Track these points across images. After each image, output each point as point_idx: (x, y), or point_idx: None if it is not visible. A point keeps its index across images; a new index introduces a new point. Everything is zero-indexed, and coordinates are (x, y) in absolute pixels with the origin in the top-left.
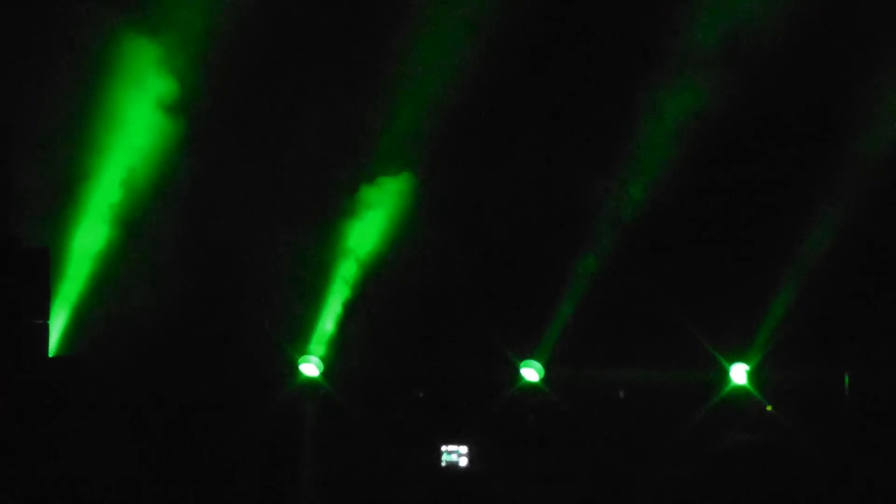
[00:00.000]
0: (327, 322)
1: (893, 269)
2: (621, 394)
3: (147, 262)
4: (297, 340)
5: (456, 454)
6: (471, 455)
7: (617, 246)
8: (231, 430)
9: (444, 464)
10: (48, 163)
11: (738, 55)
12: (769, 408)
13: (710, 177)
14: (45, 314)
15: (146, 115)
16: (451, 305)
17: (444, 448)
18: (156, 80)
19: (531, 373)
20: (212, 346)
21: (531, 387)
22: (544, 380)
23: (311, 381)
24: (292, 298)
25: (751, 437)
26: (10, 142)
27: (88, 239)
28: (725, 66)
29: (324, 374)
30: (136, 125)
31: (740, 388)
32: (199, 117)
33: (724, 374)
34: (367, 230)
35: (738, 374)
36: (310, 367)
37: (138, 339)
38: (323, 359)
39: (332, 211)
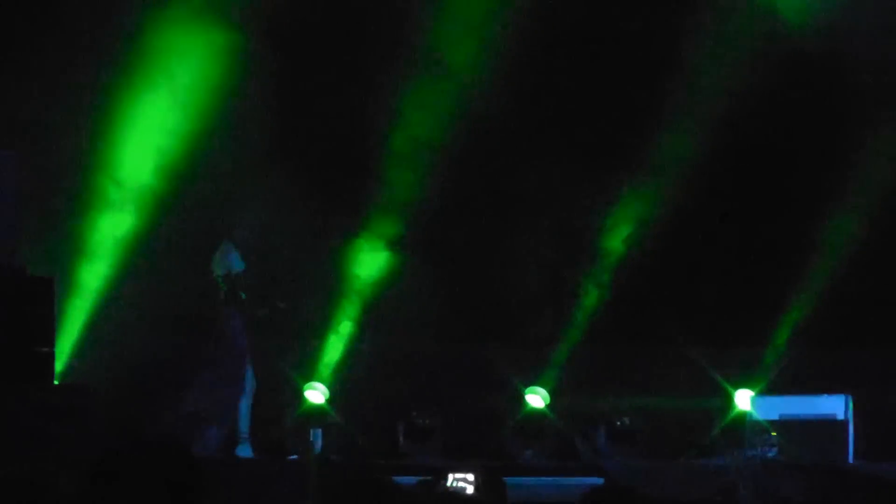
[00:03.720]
0: (333, 350)
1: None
2: (626, 420)
3: (149, 293)
4: (303, 368)
5: (463, 481)
6: (477, 482)
7: (621, 271)
8: (235, 456)
9: (450, 489)
10: (58, 192)
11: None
12: (773, 433)
13: (713, 201)
14: (50, 342)
15: (154, 149)
16: (455, 332)
17: (450, 475)
18: (165, 113)
19: (536, 399)
20: (216, 372)
21: (537, 413)
22: (550, 406)
23: (316, 408)
24: (297, 326)
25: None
26: (20, 172)
27: (95, 268)
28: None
29: (329, 401)
30: (146, 159)
31: (745, 414)
32: (209, 166)
33: (729, 399)
34: (370, 261)
35: (743, 399)
36: (315, 395)
37: (141, 368)
38: (329, 386)
39: (335, 242)
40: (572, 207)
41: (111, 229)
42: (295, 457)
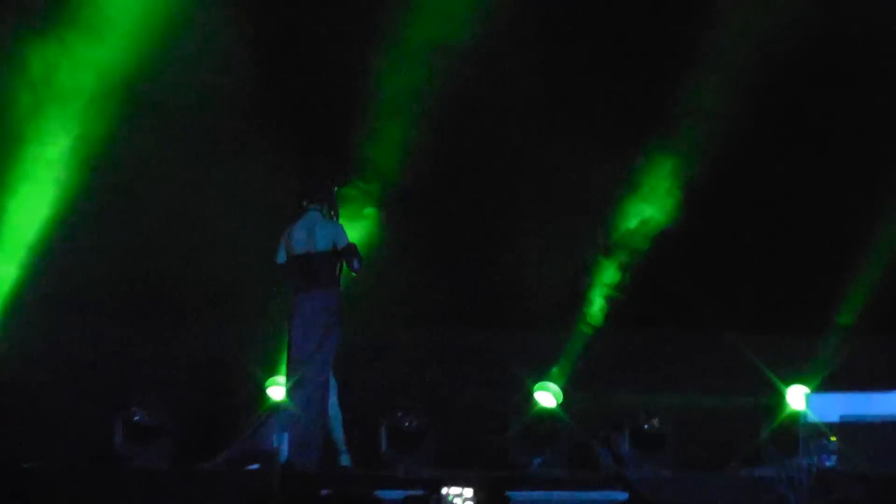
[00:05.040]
0: None
1: None
2: (656, 422)
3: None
4: (266, 364)
5: (459, 497)
6: (477, 498)
7: (648, 246)
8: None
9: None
10: None
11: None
12: (832, 438)
13: (764, 163)
14: None
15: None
16: (448, 316)
17: (444, 490)
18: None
19: (547, 397)
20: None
21: (547, 414)
22: (563, 405)
23: (280, 406)
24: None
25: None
26: None
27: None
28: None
29: None
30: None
31: (798, 415)
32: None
33: (780, 398)
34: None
35: (797, 397)
36: (279, 391)
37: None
38: None
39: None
40: (590, 175)
41: (33, 202)
42: (256, 466)
